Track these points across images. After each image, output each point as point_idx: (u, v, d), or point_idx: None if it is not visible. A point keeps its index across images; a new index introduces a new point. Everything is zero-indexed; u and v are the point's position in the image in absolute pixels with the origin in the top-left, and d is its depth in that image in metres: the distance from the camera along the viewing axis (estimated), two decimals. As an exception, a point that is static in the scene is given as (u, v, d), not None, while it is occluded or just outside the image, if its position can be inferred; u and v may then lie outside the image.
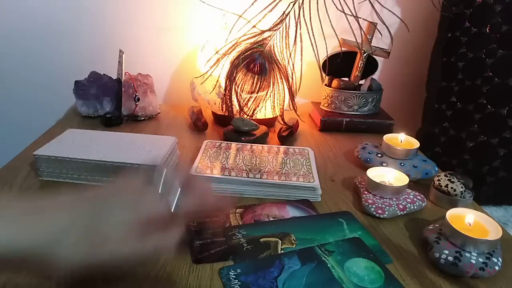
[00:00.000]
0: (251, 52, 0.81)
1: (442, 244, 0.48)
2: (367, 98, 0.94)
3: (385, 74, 1.11)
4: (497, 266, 0.46)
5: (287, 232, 0.53)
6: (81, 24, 1.00)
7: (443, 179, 0.62)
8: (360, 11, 0.87)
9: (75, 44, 1.02)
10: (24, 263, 0.30)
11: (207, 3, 0.86)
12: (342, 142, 0.87)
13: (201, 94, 0.88)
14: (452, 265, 0.46)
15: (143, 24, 1.02)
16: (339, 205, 0.61)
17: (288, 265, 0.46)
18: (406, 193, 0.61)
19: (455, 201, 0.61)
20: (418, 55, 1.09)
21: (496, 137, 0.92)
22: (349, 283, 0.44)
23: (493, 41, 0.89)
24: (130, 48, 0.96)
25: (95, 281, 0.35)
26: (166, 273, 0.44)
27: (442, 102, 0.97)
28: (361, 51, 0.94)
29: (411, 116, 1.11)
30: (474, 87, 0.92)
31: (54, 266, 0.30)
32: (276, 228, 0.53)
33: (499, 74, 0.89)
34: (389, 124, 0.94)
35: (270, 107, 0.86)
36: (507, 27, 0.88)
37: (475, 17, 0.91)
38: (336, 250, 0.49)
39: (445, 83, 0.97)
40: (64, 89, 0.97)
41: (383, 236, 0.54)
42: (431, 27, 1.03)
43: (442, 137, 0.98)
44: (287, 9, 0.80)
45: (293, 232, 0.53)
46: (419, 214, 0.60)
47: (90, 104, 0.92)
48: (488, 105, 0.91)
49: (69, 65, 1.03)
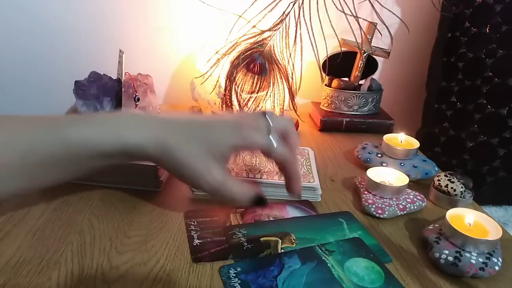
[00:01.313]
0: (251, 52, 0.81)
1: (442, 244, 0.48)
2: (367, 98, 0.94)
3: (385, 74, 1.11)
4: (497, 266, 0.46)
5: (287, 232, 0.53)
6: (81, 24, 1.00)
7: (443, 179, 0.62)
8: (360, 11, 0.87)
9: (75, 44, 1.02)
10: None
11: (207, 3, 0.86)
12: (342, 142, 0.87)
13: (201, 94, 0.88)
14: (452, 265, 0.46)
15: (143, 24, 1.02)
16: (339, 205, 0.61)
17: (288, 264, 0.46)
18: (406, 193, 0.61)
19: (455, 201, 0.61)
20: (418, 55, 1.09)
21: (496, 137, 0.92)
22: (349, 283, 0.44)
23: (493, 41, 0.89)
24: (130, 48, 0.96)
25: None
26: (166, 273, 0.44)
27: (442, 102, 0.98)
28: (361, 51, 0.94)
29: (411, 116, 1.11)
30: (474, 87, 0.92)
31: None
32: (276, 228, 0.53)
33: (499, 74, 0.89)
34: (389, 124, 0.94)
35: (270, 107, 0.86)
36: (507, 27, 0.88)
37: (475, 17, 0.91)
38: (336, 250, 0.49)
39: (445, 83, 0.97)
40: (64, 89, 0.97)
41: (383, 236, 0.54)
42: (431, 27, 1.03)
43: (442, 137, 0.98)
44: (287, 9, 0.80)
45: (293, 231, 0.53)
46: (419, 214, 0.60)
47: (90, 104, 0.91)
48: (488, 105, 0.91)
49: (69, 65, 1.03)
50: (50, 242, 0.48)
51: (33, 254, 0.46)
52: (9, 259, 0.45)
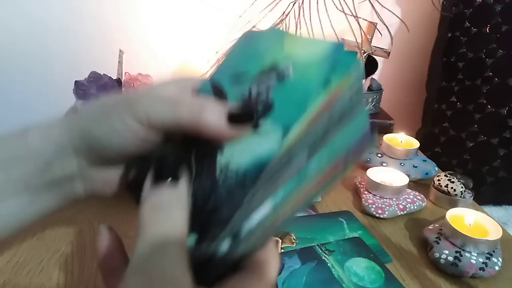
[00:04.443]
0: (251, 52, 0.81)
1: (442, 244, 0.48)
2: (367, 98, 0.94)
3: (385, 74, 1.10)
4: (497, 266, 0.46)
5: (287, 232, 0.53)
6: (81, 24, 1.00)
7: (443, 179, 0.62)
8: (360, 11, 0.87)
9: (75, 44, 1.02)
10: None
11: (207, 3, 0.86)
12: (342, 142, 0.87)
13: (201, 94, 0.88)
14: (452, 265, 0.46)
15: (143, 24, 1.02)
16: (339, 205, 0.61)
17: (288, 264, 0.46)
18: (406, 193, 0.61)
19: (455, 201, 0.61)
20: (418, 55, 1.09)
21: (496, 137, 0.92)
22: (349, 283, 0.44)
23: (493, 41, 0.89)
24: (130, 48, 0.96)
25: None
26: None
27: (442, 102, 0.97)
28: (361, 51, 0.94)
29: (411, 116, 1.11)
30: (474, 87, 0.92)
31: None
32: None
33: (499, 74, 0.89)
34: (389, 124, 0.94)
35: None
36: (507, 27, 0.88)
37: (475, 17, 0.91)
38: (336, 250, 0.49)
39: (445, 83, 0.97)
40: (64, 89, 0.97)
41: (383, 236, 0.54)
42: (431, 27, 1.03)
43: (442, 137, 0.98)
44: (287, 9, 0.80)
45: (293, 231, 0.53)
46: (419, 214, 0.60)
47: (90, 104, 0.91)
48: (488, 105, 0.91)
49: (69, 65, 1.03)
50: (50, 242, 0.48)
51: (33, 254, 0.46)
52: (9, 259, 0.45)
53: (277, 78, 0.24)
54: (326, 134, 0.23)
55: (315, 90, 0.22)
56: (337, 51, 0.24)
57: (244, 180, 0.22)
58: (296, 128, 0.22)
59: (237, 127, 0.23)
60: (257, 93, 0.24)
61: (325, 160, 0.23)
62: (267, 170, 0.22)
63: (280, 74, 0.24)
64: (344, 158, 0.24)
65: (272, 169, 0.22)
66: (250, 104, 0.24)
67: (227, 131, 0.23)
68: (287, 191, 0.22)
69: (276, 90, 0.24)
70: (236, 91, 0.25)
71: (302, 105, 0.22)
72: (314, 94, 0.22)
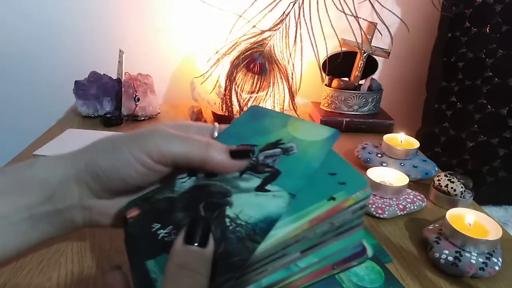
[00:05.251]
0: (251, 52, 0.81)
1: (442, 244, 0.48)
2: (367, 98, 0.94)
3: (385, 74, 1.11)
4: (497, 266, 0.46)
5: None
6: (81, 24, 1.00)
7: (443, 179, 0.62)
8: (360, 11, 0.87)
9: (75, 44, 1.02)
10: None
11: (207, 3, 0.86)
12: (342, 142, 0.87)
13: (201, 94, 0.88)
14: (452, 265, 0.46)
15: (143, 24, 1.02)
16: (339, 205, 0.61)
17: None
18: (406, 193, 0.61)
19: (455, 201, 0.61)
20: (418, 55, 1.09)
21: (496, 137, 0.92)
22: (349, 283, 0.44)
23: (493, 41, 0.89)
24: (130, 48, 0.96)
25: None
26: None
27: (442, 102, 0.98)
28: (361, 51, 0.94)
29: (411, 116, 1.11)
30: (474, 87, 0.92)
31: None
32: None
33: (499, 74, 0.89)
34: (389, 124, 0.94)
35: (270, 107, 0.86)
36: (507, 27, 0.88)
37: (475, 17, 0.91)
38: (336, 250, 0.49)
39: (445, 83, 0.97)
40: (64, 89, 0.97)
41: (383, 236, 0.54)
42: (431, 27, 1.03)
43: (442, 137, 0.98)
44: (287, 9, 0.80)
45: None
46: (419, 214, 0.60)
47: (90, 104, 0.92)
48: (488, 105, 0.91)
49: (69, 65, 1.03)
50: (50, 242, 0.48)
51: (33, 254, 0.46)
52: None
53: (282, 152, 0.29)
54: (322, 238, 0.25)
55: (319, 200, 0.25)
56: (334, 136, 0.32)
57: (253, 230, 0.24)
58: (296, 224, 0.24)
59: (238, 160, 0.28)
60: (264, 159, 0.29)
61: (314, 262, 0.25)
62: (254, 258, 0.23)
63: (285, 150, 0.29)
64: (331, 265, 0.26)
65: (263, 255, 0.24)
66: (257, 166, 0.29)
67: (230, 164, 0.28)
68: (271, 280, 0.24)
69: (282, 161, 0.29)
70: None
71: (304, 176, 0.27)
72: (318, 203, 0.25)
